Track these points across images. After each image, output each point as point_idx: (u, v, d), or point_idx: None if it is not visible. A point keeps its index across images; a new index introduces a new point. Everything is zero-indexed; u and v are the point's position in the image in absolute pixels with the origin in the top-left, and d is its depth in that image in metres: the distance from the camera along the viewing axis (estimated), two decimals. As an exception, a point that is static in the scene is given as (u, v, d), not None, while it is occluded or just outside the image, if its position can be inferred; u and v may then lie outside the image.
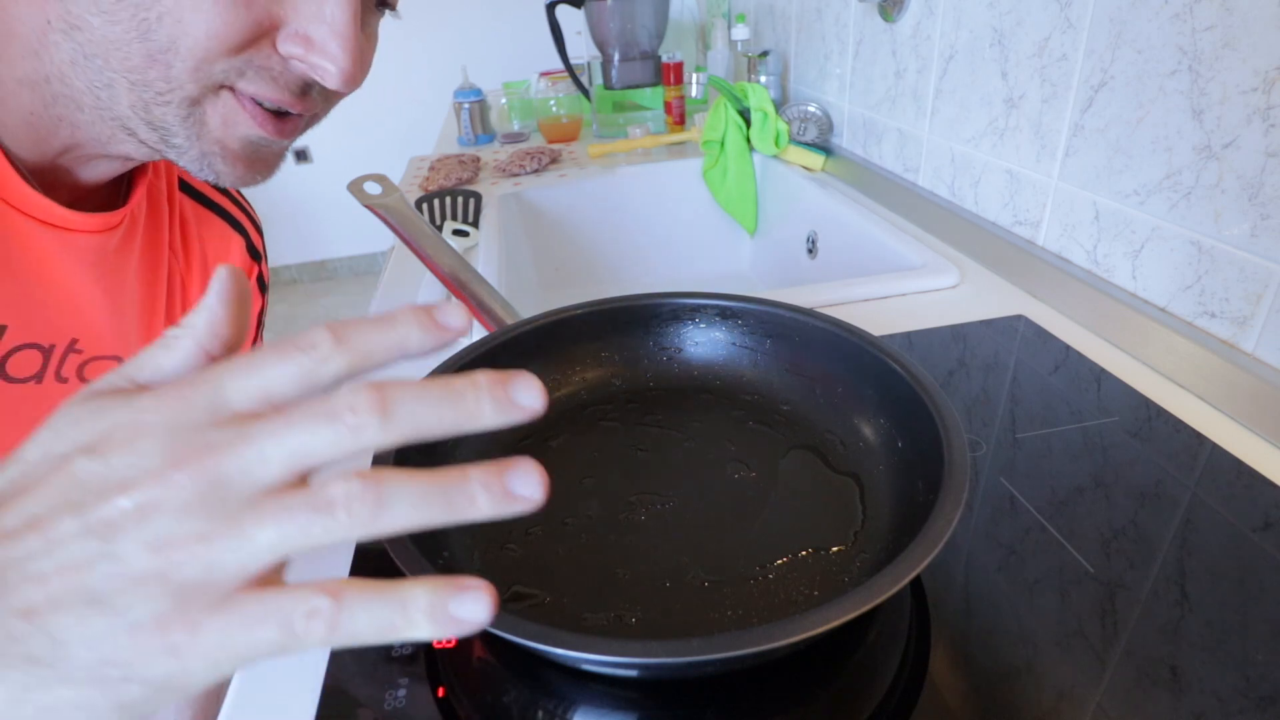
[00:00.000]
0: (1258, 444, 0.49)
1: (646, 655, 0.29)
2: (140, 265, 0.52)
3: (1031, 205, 0.72)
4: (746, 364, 0.54)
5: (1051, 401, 0.54)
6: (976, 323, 0.66)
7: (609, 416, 0.52)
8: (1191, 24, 0.53)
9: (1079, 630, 0.36)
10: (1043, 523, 0.43)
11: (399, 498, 0.21)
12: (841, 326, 0.49)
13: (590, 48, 1.34)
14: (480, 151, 1.40)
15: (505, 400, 0.23)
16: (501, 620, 0.30)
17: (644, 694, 0.35)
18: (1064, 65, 0.65)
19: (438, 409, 0.22)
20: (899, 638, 0.37)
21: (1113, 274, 0.63)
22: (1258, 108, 0.49)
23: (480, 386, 0.23)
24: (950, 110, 0.82)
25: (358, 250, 3.29)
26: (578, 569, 0.41)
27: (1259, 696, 0.33)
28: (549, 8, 1.30)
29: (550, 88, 1.46)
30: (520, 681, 0.36)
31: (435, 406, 0.22)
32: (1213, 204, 0.53)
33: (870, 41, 0.97)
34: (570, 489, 0.46)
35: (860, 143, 1.05)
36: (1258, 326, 0.52)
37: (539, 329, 0.52)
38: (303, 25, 0.35)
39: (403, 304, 0.24)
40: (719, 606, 0.38)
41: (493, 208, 1.05)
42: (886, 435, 0.45)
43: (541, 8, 1.31)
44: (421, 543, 0.34)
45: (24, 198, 0.41)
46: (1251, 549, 0.40)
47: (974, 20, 0.76)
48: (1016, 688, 0.34)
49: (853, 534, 0.41)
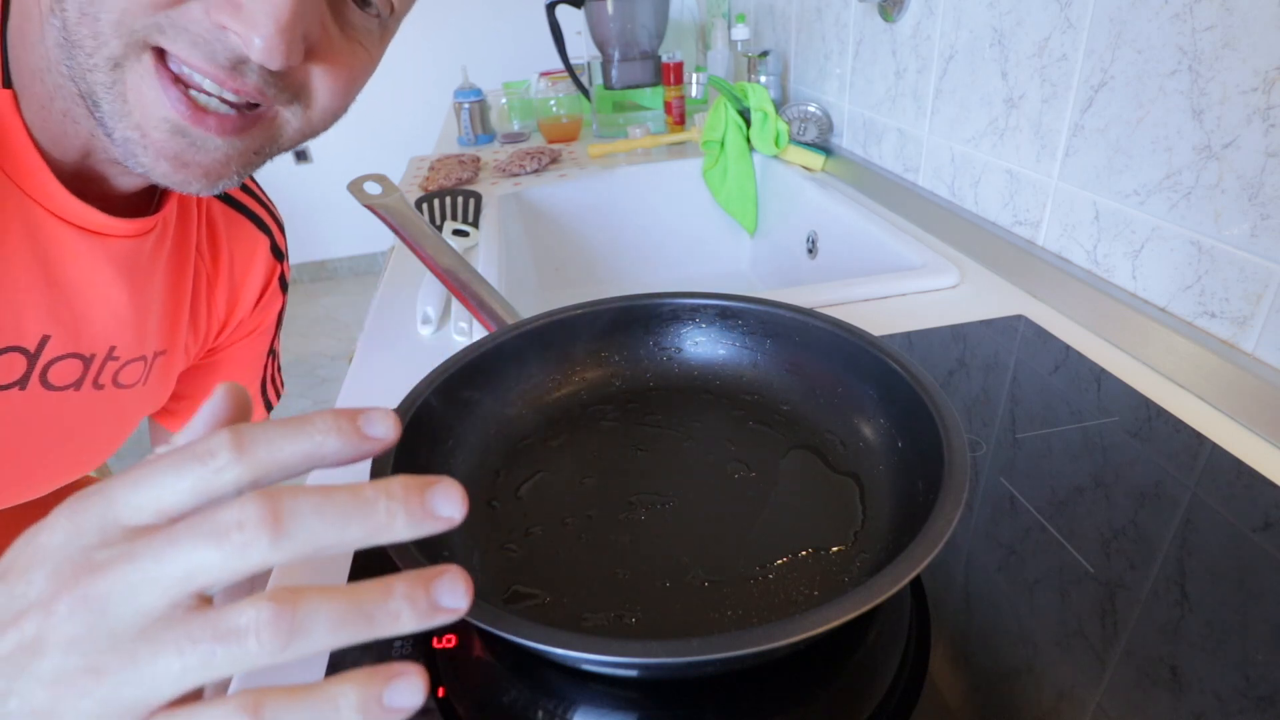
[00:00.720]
0: (1258, 444, 0.49)
1: (646, 655, 0.29)
2: (168, 267, 0.52)
3: (1031, 205, 0.72)
4: (746, 364, 0.54)
5: (1051, 401, 0.54)
6: (976, 323, 0.66)
7: (609, 416, 0.52)
8: (1191, 24, 0.53)
9: (1079, 630, 0.36)
10: (1043, 523, 0.43)
11: (315, 622, 0.20)
12: (841, 326, 0.49)
13: (590, 48, 1.34)
14: (480, 151, 1.40)
15: (421, 512, 0.21)
16: (501, 620, 0.30)
17: (644, 694, 0.35)
18: (1064, 65, 0.65)
19: (340, 524, 0.21)
20: (899, 638, 0.37)
21: (1113, 274, 0.63)
22: (1258, 108, 0.49)
23: (394, 497, 0.21)
24: (950, 110, 0.82)
25: (358, 250, 3.29)
26: (578, 569, 0.41)
27: (1259, 696, 0.33)
28: (549, 8, 1.30)
29: (550, 88, 1.46)
30: (520, 681, 0.36)
31: (337, 521, 0.21)
32: (1213, 204, 0.53)
33: (870, 41, 0.97)
34: (570, 489, 0.46)
35: (860, 143, 1.05)
36: (1258, 326, 0.52)
37: (539, 329, 0.52)
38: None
39: (328, 408, 0.22)
40: (719, 606, 0.38)
41: (493, 208, 1.05)
42: (886, 435, 0.45)
43: (541, 8, 1.31)
44: (421, 543, 0.34)
45: (63, 203, 0.40)
46: (1251, 549, 0.40)
47: (974, 20, 0.76)
48: (1016, 688, 0.34)
49: (853, 534, 0.41)
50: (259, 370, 0.65)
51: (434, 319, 0.72)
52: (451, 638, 0.38)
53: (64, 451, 0.50)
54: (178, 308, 0.54)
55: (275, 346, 0.66)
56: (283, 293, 0.63)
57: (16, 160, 0.39)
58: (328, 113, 0.40)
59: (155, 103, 0.35)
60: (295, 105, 0.39)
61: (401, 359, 0.68)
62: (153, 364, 0.54)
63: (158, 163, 0.36)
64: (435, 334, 0.72)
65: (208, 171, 0.38)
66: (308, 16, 0.35)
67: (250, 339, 0.62)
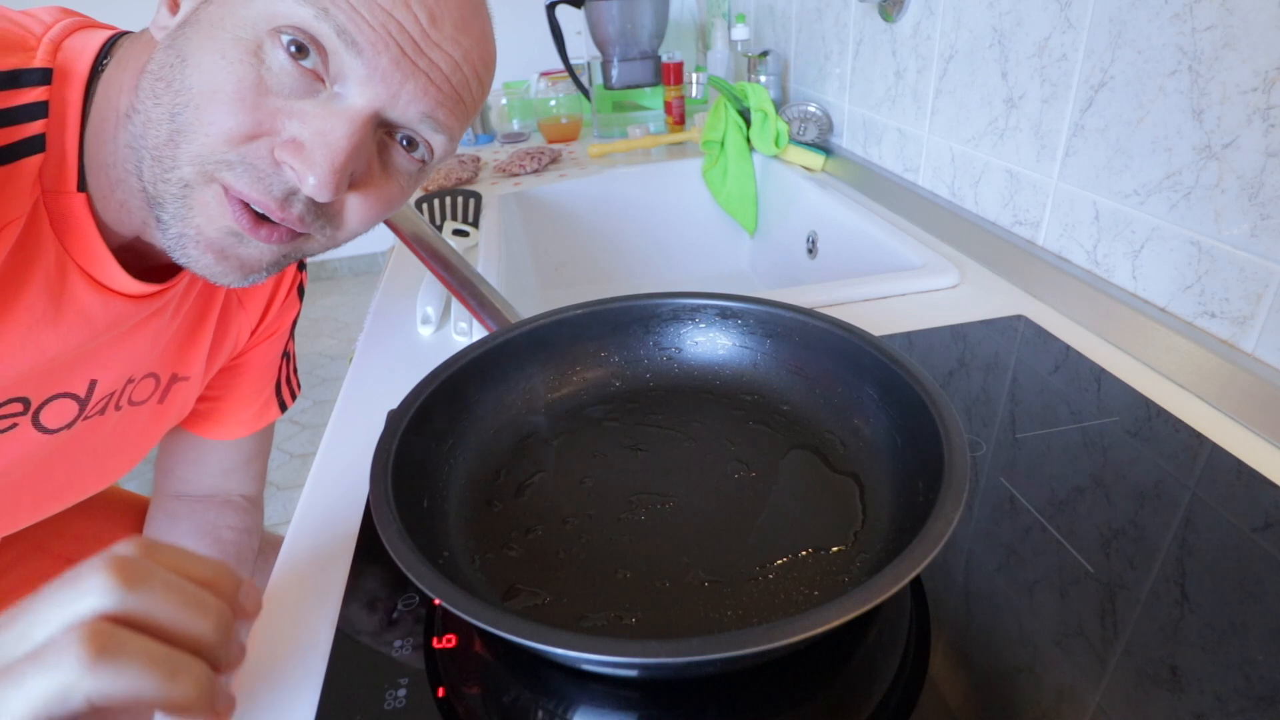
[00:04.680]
0: (1258, 444, 0.49)
1: (646, 655, 0.29)
2: (196, 302, 0.55)
3: (1031, 205, 0.72)
4: (746, 364, 0.54)
5: (1051, 401, 0.54)
6: (976, 323, 0.66)
7: (609, 416, 0.52)
8: (1191, 24, 0.53)
9: (1079, 630, 0.36)
10: (1043, 523, 0.43)
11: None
12: (841, 326, 0.49)
13: (590, 48, 1.34)
14: (480, 151, 1.40)
15: None
16: (501, 620, 0.30)
17: (644, 694, 0.35)
18: (1064, 65, 0.65)
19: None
20: (899, 638, 0.37)
21: (1113, 274, 0.63)
22: (1258, 108, 0.49)
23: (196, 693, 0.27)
24: (950, 110, 0.82)
25: (358, 250, 3.29)
26: (578, 569, 0.41)
27: (1259, 696, 0.33)
28: (549, 8, 1.30)
29: (550, 88, 1.46)
30: (520, 681, 0.36)
31: None
32: (1213, 204, 0.53)
33: (870, 41, 0.97)
34: (570, 489, 0.46)
35: (860, 143, 1.05)
36: (1258, 326, 0.52)
37: (539, 329, 0.52)
38: (300, 133, 0.37)
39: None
40: (719, 606, 0.38)
41: (493, 208, 1.05)
42: (886, 435, 0.45)
43: (541, 8, 1.31)
44: (421, 543, 0.34)
45: (123, 282, 0.45)
46: (1251, 549, 0.40)
47: (974, 20, 0.76)
48: (1016, 688, 0.34)
49: (853, 534, 0.41)
50: (273, 373, 0.66)
51: (434, 319, 0.72)
52: (452, 638, 0.38)
53: (86, 474, 0.54)
54: (200, 338, 0.57)
55: (290, 349, 0.68)
56: (299, 299, 0.65)
57: (89, 252, 0.43)
58: (352, 235, 0.44)
59: (220, 215, 0.39)
60: (327, 229, 0.43)
61: (401, 359, 0.68)
62: (169, 387, 0.56)
63: (203, 255, 0.40)
64: (435, 334, 0.72)
65: (243, 265, 0.41)
66: (359, 158, 0.39)
67: (268, 344, 0.65)
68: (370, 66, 0.37)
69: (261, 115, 0.37)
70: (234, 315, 0.59)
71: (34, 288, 0.41)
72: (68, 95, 0.41)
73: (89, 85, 0.42)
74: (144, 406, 0.55)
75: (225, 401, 0.64)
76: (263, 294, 0.61)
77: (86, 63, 0.42)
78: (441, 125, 0.41)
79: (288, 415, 2.11)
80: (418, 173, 0.44)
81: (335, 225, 0.43)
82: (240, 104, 0.36)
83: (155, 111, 0.38)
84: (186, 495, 0.67)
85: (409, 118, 0.40)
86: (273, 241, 0.41)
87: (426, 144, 0.42)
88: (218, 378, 0.63)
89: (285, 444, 1.99)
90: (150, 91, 0.38)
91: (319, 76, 0.37)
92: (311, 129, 0.37)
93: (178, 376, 0.56)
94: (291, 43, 0.36)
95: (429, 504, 0.41)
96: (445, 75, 0.40)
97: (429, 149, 0.43)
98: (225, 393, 0.64)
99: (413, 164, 0.43)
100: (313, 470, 0.54)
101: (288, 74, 0.37)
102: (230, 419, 0.65)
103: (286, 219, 0.40)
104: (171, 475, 0.67)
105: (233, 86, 0.36)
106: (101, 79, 0.42)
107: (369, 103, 0.38)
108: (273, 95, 0.37)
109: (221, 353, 0.60)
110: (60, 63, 0.41)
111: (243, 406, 0.65)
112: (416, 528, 0.36)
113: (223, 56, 0.36)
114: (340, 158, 0.37)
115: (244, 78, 0.36)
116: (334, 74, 0.37)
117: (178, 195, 0.38)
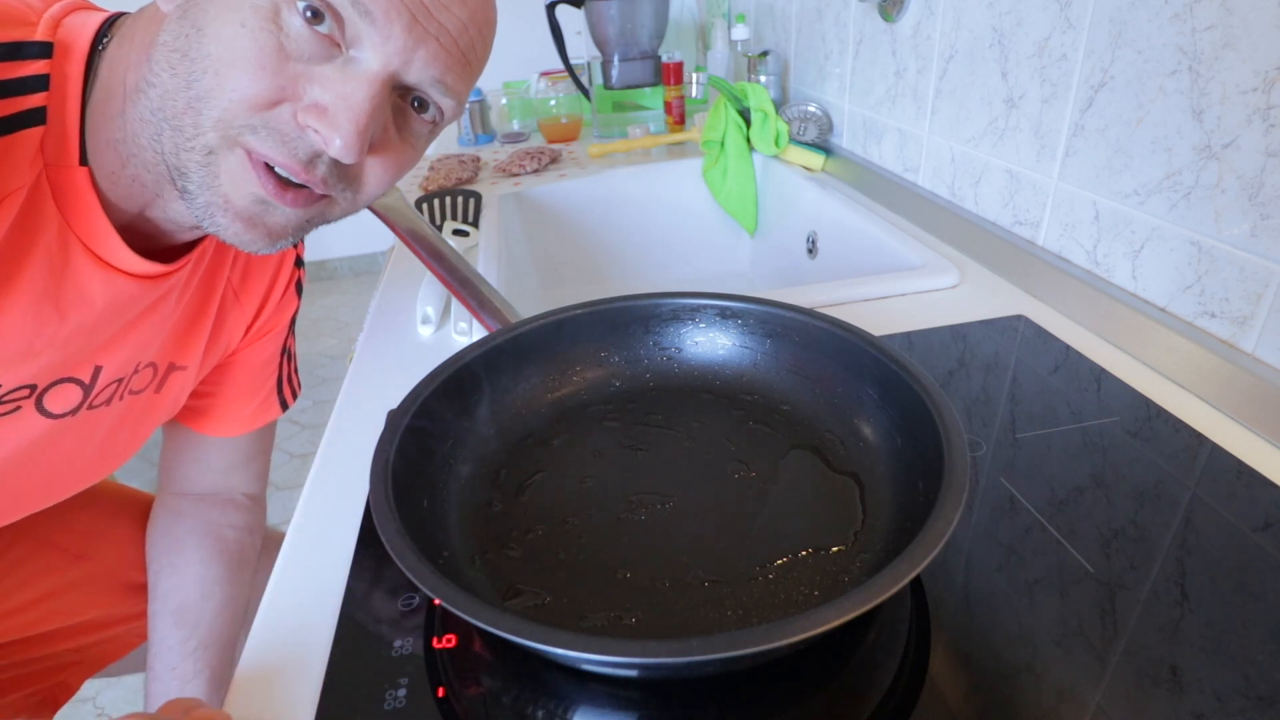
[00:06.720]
0: (1258, 444, 0.49)
1: (646, 655, 0.29)
2: (197, 289, 0.55)
3: (1031, 205, 0.72)
4: (746, 364, 0.54)
5: (1051, 401, 0.54)
6: (976, 323, 0.66)
7: (609, 416, 0.52)
8: (1191, 24, 0.53)
9: (1079, 630, 0.36)
10: (1043, 523, 0.43)
11: None
12: (841, 326, 0.49)
13: (590, 48, 1.34)
14: (480, 151, 1.40)
15: None
16: (502, 620, 0.30)
17: (644, 694, 0.35)
18: (1064, 65, 0.65)
19: None
20: (899, 638, 0.37)
21: (1113, 274, 0.63)
22: (1258, 108, 0.49)
23: None
24: (950, 110, 0.82)
25: (358, 250, 3.28)
26: (578, 569, 0.41)
27: (1259, 696, 0.33)
28: (549, 8, 1.30)
29: (550, 88, 1.45)
30: (520, 681, 0.36)
31: None
32: (1213, 204, 0.53)
33: (870, 41, 0.97)
34: (570, 489, 0.46)
35: (860, 143, 1.05)
36: (1258, 326, 0.52)
37: (539, 329, 0.52)
38: (323, 97, 0.38)
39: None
40: (719, 606, 0.38)
41: (493, 208, 1.05)
42: (886, 435, 0.45)
43: (541, 8, 1.31)
44: (421, 543, 0.34)
45: (125, 258, 0.45)
46: (1251, 549, 0.40)
47: (974, 20, 0.76)
48: (1016, 688, 0.34)
49: (853, 534, 0.41)
50: (273, 370, 0.67)
51: (434, 319, 0.72)
52: (451, 638, 0.38)
53: (86, 463, 0.54)
54: (199, 328, 0.57)
55: (290, 346, 0.68)
56: (297, 296, 0.66)
57: (91, 227, 0.43)
58: (371, 197, 0.45)
59: (246, 181, 0.40)
60: (348, 191, 0.44)
61: (401, 359, 0.68)
62: (166, 375, 0.56)
63: (233, 223, 0.41)
64: (435, 334, 0.72)
65: (271, 232, 0.42)
66: (377, 120, 0.40)
67: (265, 340, 0.65)
68: (384, 33, 0.38)
69: (284, 80, 0.38)
70: (230, 309, 0.59)
71: (36, 262, 0.41)
72: (68, 70, 0.41)
73: (90, 62, 0.42)
74: (141, 396, 0.55)
75: (222, 397, 0.64)
76: (258, 290, 0.61)
77: (87, 39, 0.42)
78: (450, 89, 0.42)
79: (288, 415, 2.11)
80: (428, 134, 0.45)
81: (355, 188, 0.44)
82: (263, 70, 0.37)
83: (172, 83, 0.38)
84: (189, 493, 0.67)
85: (422, 81, 0.41)
86: (299, 205, 0.42)
87: (437, 106, 0.43)
88: (213, 373, 0.63)
89: (285, 444, 1.99)
90: (166, 63, 0.38)
91: (335, 42, 0.38)
92: (334, 92, 0.38)
93: (175, 366, 0.56)
94: (307, 8, 0.37)
95: (429, 504, 0.41)
96: (454, 38, 0.41)
97: (439, 110, 0.44)
98: (220, 388, 0.64)
99: (424, 125, 0.44)
100: (313, 470, 0.54)
101: (306, 39, 0.37)
102: (229, 415, 0.65)
103: (311, 181, 0.41)
104: (174, 473, 0.67)
105: (255, 53, 0.37)
106: (104, 55, 0.42)
107: (384, 66, 0.39)
108: (293, 61, 0.38)
109: (218, 346, 0.60)
110: (61, 38, 0.42)
111: (240, 403, 0.65)
112: (416, 528, 0.36)
113: (242, 25, 0.37)
114: (363, 119, 0.38)
115: (265, 44, 0.37)
116: (349, 39, 0.38)
117: (202, 162, 0.39)
